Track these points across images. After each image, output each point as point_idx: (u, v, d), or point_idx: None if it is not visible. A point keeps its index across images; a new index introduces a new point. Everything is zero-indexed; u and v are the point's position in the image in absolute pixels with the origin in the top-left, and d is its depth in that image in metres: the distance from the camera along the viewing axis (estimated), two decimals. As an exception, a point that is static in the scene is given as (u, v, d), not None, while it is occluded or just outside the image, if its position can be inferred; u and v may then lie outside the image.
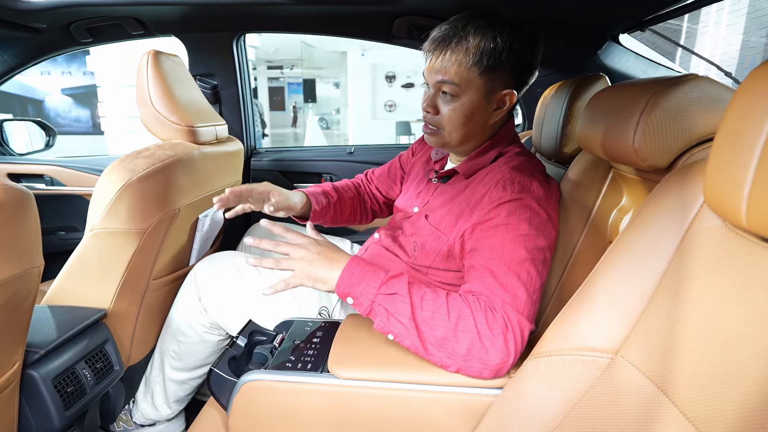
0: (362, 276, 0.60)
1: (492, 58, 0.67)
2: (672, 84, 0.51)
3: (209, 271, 0.88)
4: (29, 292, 0.56)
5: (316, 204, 0.91)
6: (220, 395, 0.64)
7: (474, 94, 0.70)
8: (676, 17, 0.92)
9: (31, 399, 0.66)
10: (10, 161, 1.50)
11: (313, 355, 0.64)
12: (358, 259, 0.62)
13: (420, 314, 0.58)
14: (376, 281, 0.60)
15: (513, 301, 0.59)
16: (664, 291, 0.42)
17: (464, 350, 0.56)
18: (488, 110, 0.72)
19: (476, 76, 0.68)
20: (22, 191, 0.51)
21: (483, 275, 0.62)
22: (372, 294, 0.59)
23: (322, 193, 0.94)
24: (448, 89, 0.70)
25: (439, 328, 0.57)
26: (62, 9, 1.08)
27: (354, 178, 1.10)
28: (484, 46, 0.66)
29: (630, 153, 0.53)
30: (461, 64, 0.67)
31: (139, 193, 0.79)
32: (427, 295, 0.60)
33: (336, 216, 0.97)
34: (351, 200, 1.01)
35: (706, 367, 0.35)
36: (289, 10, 1.17)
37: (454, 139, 0.74)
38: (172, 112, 0.93)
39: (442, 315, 0.58)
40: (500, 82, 0.70)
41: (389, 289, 0.59)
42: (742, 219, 0.33)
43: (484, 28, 0.66)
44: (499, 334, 0.56)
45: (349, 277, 0.60)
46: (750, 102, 0.33)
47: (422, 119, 0.77)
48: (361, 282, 0.60)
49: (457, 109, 0.71)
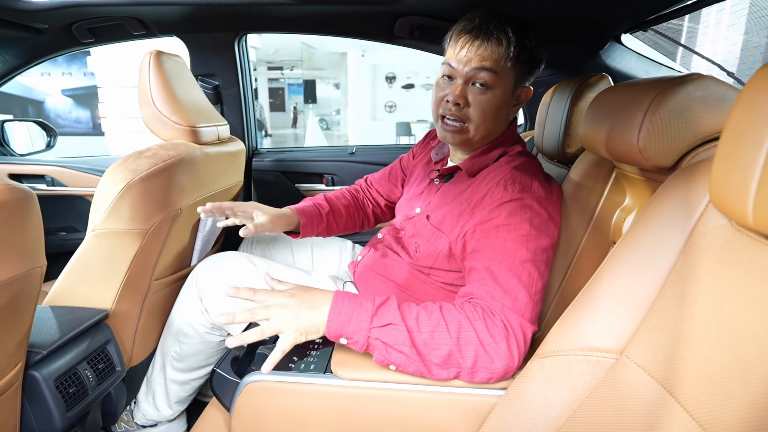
0: (350, 313, 0.56)
1: (524, 53, 0.69)
2: (676, 83, 0.50)
3: (211, 272, 0.88)
4: (32, 292, 0.56)
5: (304, 218, 0.91)
6: (223, 396, 0.64)
7: (506, 86, 0.71)
8: (677, 17, 0.92)
9: (33, 400, 0.66)
10: (11, 162, 1.50)
11: (316, 356, 0.64)
12: (341, 295, 0.58)
13: (419, 337, 0.56)
14: (365, 315, 0.56)
15: (513, 304, 0.59)
16: (670, 291, 0.42)
17: (470, 363, 0.56)
18: (510, 105, 0.74)
19: (510, 67, 0.70)
20: (26, 191, 0.51)
21: (483, 277, 0.62)
22: (365, 329, 0.56)
23: (312, 206, 0.94)
24: (484, 78, 0.69)
25: (441, 347, 0.55)
26: (64, 9, 1.08)
27: (353, 185, 1.10)
28: (519, 41, 0.68)
29: (634, 152, 0.53)
30: (500, 55, 0.69)
31: (141, 193, 0.79)
32: (421, 315, 0.57)
33: (330, 227, 0.97)
34: (346, 208, 1.01)
35: (713, 367, 0.35)
36: (290, 10, 1.17)
37: (479, 133, 0.73)
38: (174, 113, 0.93)
39: (441, 332, 0.56)
40: (523, 77, 0.73)
41: (381, 320, 0.56)
42: (749, 218, 0.33)
43: (520, 25, 0.69)
44: (502, 340, 0.56)
45: (337, 318, 0.56)
46: (756, 101, 0.33)
47: (444, 114, 0.73)
48: (351, 320, 0.56)
49: (490, 100, 0.71)
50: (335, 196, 1.02)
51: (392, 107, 8.24)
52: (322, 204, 0.97)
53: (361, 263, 0.93)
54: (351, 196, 1.05)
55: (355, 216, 1.03)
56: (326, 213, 0.95)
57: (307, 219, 0.91)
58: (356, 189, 1.08)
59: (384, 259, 0.88)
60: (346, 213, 1.00)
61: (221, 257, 0.91)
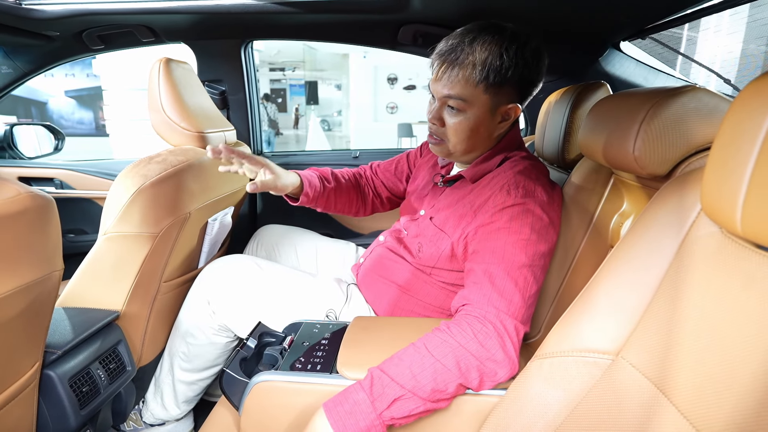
0: (350, 411, 0.53)
1: (498, 75, 0.67)
2: (671, 95, 0.52)
3: (217, 274, 0.90)
4: (50, 294, 0.58)
5: (309, 187, 0.89)
6: (232, 395, 0.65)
7: (479, 108, 0.70)
8: (676, 26, 0.93)
9: (48, 398, 0.67)
10: (20, 165, 1.53)
11: (322, 357, 0.66)
12: (328, 403, 0.54)
13: (425, 390, 0.54)
14: (365, 407, 0.53)
15: (508, 308, 0.60)
16: (664, 295, 0.43)
17: (476, 383, 0.57)
18: (493, 123, 0.74)
19: (482, 92, 0.69)
20: (46, 198, 0.53)
21: (480, 281, 0.63)
22: (375, 418, 0.53)
23: (318, 177, 0.93)
24: (454, 104, 0.71)
25: (449, 385, 0.55)
26: (75, 17, 1.11)
27: (358, 168, 1.08)
28: (490, 63, 0.66)
29: (630, 161, 0.55)
30: (468, 81, 0.68)
31: (151, 197, 0.81)
32: (414, 368, 0.54)
33: (328, 203, 0.96)
34: (347, 191, 1.00)
35: (704, 368, 0.36)
36: (295, 18, 1.19)
37: (458, 150, 0.75)
38: (183, 119, 0.95)
39: (442, 373, 0.55)
40: (505, 97, 0.71)
41: (383, 402, 0.53)
42: (737, 226, 0.34)
43: (491, 43, 0.66)
44: (498, 349, 0.57)
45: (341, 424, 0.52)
46: (744, 115, 0.34)
47: (427, 127, 0.78)
48: (358, 422, 0.52)
49: (462, 123, 0.72)
50: (341, 175, 1.00)
51: (394, 108, 8.27)
52: (329, 179, 0.96)
53: (363, 265, 0.95)
54: (354, 180, 1.03)
55: (354, 200, 1.02)
56: (330, 189, 0.94)
57: (311, 191, 0.89)
58: (360, 174, 1.07)
59: (385, 261, 0.89)
60: (346, 195, 0.99)
61: (227, 260, 0.93)
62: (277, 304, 0.87)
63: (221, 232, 1.12)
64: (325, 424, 0.53)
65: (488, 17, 0.74)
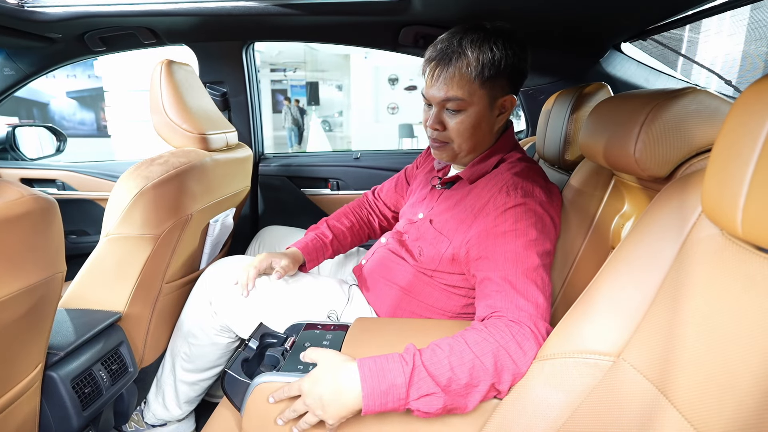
0: (385, 391, 0.53)
1: (492, 67, 0.69)
2: (672, 97, 0.52)
3: (219, 275, 0.90)
4: (53, 296, 0.58)
5: (308, 255, 0.95)
6: (234, 396, 0.66)
7: (478, 104, 0.72)
8: (676, 28, 0.93)
9: (51, 399, 0.68)
10: (23, 166, 1.54)
11: (324, 358, 0.66)
12: (365, 371, 0.55)
13: (460, 381, 0.54)
14: (400, 391, 0.53)
15: (536, 310, 0.60)
16: (664, 296, 0.43)
17: (507, 386, 0.56)
18: (492, 117, 0.76)
19: (479, 87, 0.71)
20: (49, 200, 0.53)
21: (502, 287, 0.63)
22: (402, 403, 0.53)
23: (314, 239, 0.97)
24: (453, 105, 0.72)
25: (483, 382, 0.55)
26: (78, 20, 1.12)
27: (361, 198, 1.13)
28: (483, 58, 0.69)
29: (631, 163, 0.55)
30: (464, 78, 0.70)
31: (153, 199, 0.81)
32: (453, 362, 0.55)
33: (336, 251, 1.01)
34: (349, 230, 1.04)
35: (704, 369, 0.37)
36: (297, 20, 1.20)
37: (464, 149, 0.77)
38: (185, 120, 0.95)
39: (479, 370, 0.55)
40: (500, 89, 0.73)
41: (418, 392, 0.54)
42: (738, 228, 0.34)
43: (479, 40, 0.69)
44: (532, 349, 0.57)
45: (372, 399, 0.53)
46: (745, 117, 0.35)
47: (430, 136, 0.79)
48: (387, 402, 0.54)
49: (464, 121, 0.73)
50: (338, 218, 1.05)
51: (395, 109, 8.27)
52: (325, 233, 1.00)
53: (365, 267, 0.95)
54: (355, 216, 1.07)
55: (359, 234, 1.06)
56: (330, 241, 0.99)
57: (311, 255, 0.95)
58: (360, 205, 1.11)
59: (387, 263, 0.90)
60: (350, 234, 1.04)
61: (229, 261, 0.93)
62: (278, 304, 0.87)
63: (223, 233, 1.12)
64: (357, 392, 0.54)
65: (488, 19, 0.74)
